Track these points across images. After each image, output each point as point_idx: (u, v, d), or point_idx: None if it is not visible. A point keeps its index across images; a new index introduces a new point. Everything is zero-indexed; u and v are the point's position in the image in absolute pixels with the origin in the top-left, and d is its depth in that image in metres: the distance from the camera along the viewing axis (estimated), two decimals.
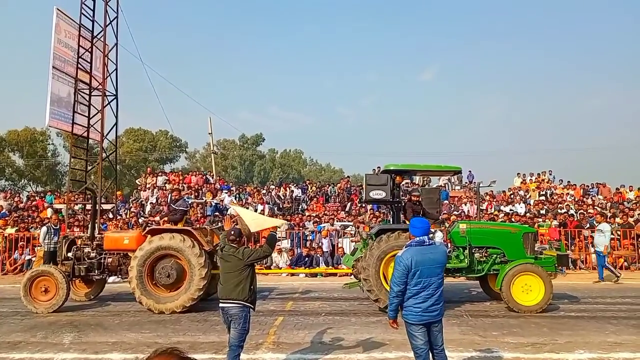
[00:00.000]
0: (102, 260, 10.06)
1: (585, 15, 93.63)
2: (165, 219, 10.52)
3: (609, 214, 18.12)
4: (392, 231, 9.32)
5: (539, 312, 8.76)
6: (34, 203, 21.95)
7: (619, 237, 15.65)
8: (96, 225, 10.96)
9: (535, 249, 9.91)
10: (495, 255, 9.56)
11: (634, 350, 6.49)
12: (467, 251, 9.55)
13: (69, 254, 10.13)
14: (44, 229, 11.42)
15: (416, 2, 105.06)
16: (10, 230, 16.64)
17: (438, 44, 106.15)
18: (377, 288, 9.00)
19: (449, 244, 10.19)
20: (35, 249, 14.52)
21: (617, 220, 17.17)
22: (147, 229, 10.19)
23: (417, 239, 4.61)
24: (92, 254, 10.09)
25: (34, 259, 14.41)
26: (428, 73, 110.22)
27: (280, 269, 15.10)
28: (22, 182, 48.31)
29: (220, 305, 5.31)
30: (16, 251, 15.80)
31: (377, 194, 9.62)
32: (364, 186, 9.82)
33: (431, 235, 9.57)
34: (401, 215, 10.09)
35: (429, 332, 4.55)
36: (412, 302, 4.49)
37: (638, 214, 17.53)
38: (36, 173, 47.40)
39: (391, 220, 10.47)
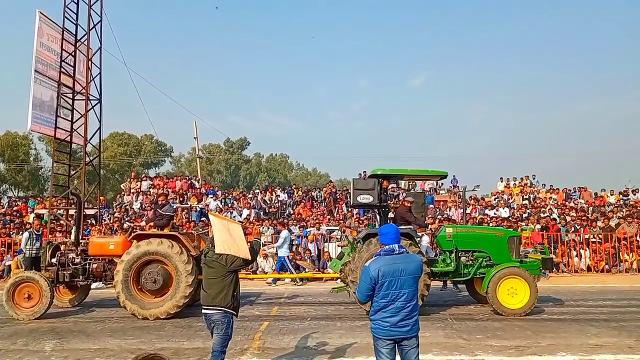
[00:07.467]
0: (87, 266, 9.93)
1: (569, 23, 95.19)
2: (151, 223, 10.43)
3: (591, 218, 18.41)
4: None
5: (523, 315, 8.86)
6: (15, 208, 21.61)
7: (600, 241, 15.89)
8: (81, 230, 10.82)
9: (520, 252, 10.04)
10: (481, 259, 9.67)
11: (615, 352, 6.60)
12: (453, 255, 9.64)
13: (53, 260, 9.98)
14: (26, 234, 11.22)
15: (408, 10, 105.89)
16: None
17: (428, 51, 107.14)
18: None
19: (436, 248, 10.26)
20: (17, 256, 14.29)
21: (599, 224, 17.44)
22: (133, 234, 10.09)
23: (387, 247, 4.16)
24: (77, 260, 9.95)
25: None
26: (418, 79, 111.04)
27: (266, 273, 15.04)
28: (3, 187, 47.56)
29: (203, 311, 5.29)
30: None
31: (365, 199, 9.65)
32: (351, 191, 9.87)
33: (417, 239, 9.68)
34: (388, 221, 10.12)
35: (399, 347, 4.10)
36: (380, 315, 4.05)
37: (618, 218, 17.80)
38: (18, 178, 46.67)
39: (378, 224, 10.50)
